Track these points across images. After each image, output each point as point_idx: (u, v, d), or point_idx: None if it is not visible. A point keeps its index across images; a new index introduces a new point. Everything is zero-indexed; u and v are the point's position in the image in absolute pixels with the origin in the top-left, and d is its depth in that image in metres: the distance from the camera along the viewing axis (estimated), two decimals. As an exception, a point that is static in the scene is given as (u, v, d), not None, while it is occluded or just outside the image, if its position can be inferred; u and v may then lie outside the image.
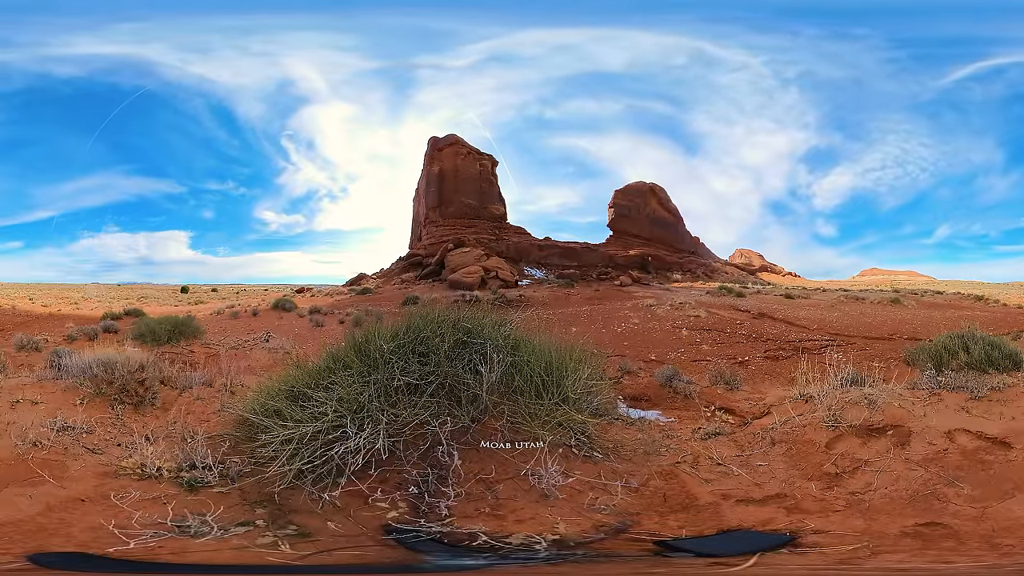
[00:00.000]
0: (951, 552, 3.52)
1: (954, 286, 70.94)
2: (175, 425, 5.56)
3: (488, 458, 4.58)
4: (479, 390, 4.89)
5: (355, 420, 4.48)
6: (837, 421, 5.03)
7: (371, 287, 65.36)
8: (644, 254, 78.89)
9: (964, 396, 5.32)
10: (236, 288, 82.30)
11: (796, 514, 4.01)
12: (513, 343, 5.27)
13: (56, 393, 5.93)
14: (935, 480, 4.24)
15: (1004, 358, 5.97)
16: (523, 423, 4.86)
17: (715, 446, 5.21)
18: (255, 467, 4.44)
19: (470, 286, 58.90)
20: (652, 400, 10.39)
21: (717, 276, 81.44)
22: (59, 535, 3.60)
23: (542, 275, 71.52)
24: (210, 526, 3.72)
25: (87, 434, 5.08)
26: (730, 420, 7.46)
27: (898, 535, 3.71)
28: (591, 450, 4.83)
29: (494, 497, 4.20)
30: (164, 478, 4.39)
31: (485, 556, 3.49)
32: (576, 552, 3.57)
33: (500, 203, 79.47)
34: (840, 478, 4.43)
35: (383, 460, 4.38)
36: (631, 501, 4.25)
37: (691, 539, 3.77)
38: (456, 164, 77.71)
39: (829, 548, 3.57)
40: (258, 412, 4.81)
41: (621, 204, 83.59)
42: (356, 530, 3.81)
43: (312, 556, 3.48)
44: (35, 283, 74.82)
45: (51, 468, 4.39)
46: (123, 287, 77.52)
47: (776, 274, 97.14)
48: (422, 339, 5.07)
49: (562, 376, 5.22)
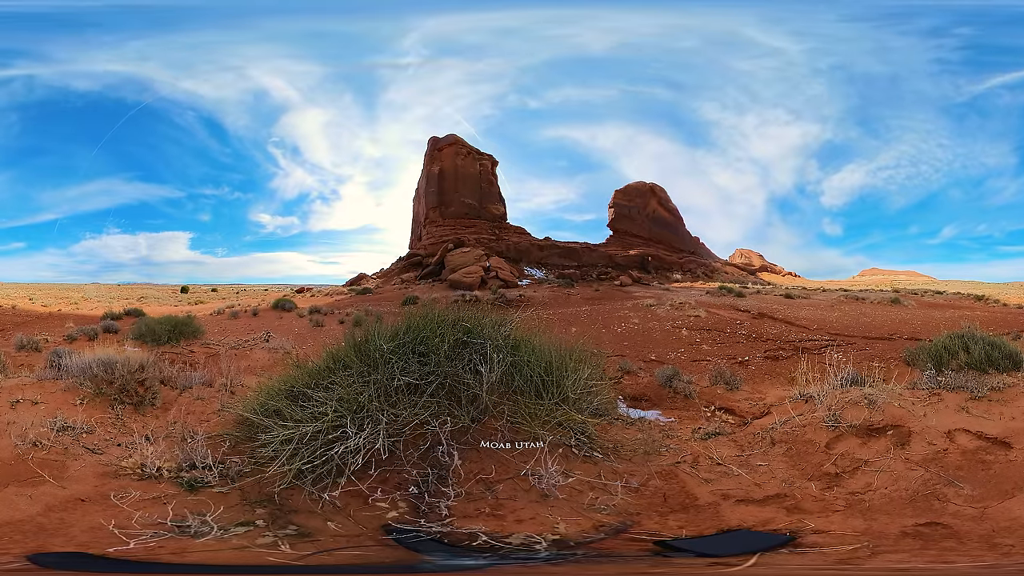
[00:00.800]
0: (951, 552, 3.52)
1: (954, 286, 70.93)
2: (175, 425, 5.56)
3: (488, 458, 4.57)
4: (479, 390, 4.89)
5: (355, 420, 4.48)
6: (837, 421, 5.03)
7: (371, 287, 65.36)
8: (644, 254, 78.89)
9: (964, 396, 5.32)
10: (236, 288, 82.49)
11: (796, 514, 4.01)
12: (513, 343, 5.27)
13: (56, 393, 5.92)
14: (935, 480, 4.24)
15: (1004, 358, 5.97)
16: (523, 423, 4.86)
17: (715, 446, 5.21)
18: (255, 467, 4.44)
19: (470, 286, 58.90)
20: (652, 400, 10.39)
21: (717, 276, 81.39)
22: (59, 535, 3.60)
23: (542, 275, 71.48)
24: (210, 526, 3.72)
25: (87, 434, 5.08)
26: (730, 420, 7.47)
27: (898, 535, 3.71)
28: (591, 450, 4.83)
29: (494, 497, 4.20)
30: (164, 478, 4.38)
31: (485, 556, 3.48)
32: (576, 552, 3.57)
33: (500, 203, 79.45)
34: (840, 478, 4.43)
35: (383, 460, 4.38)
36: (631, 501, 4.25)
37: (691, 539, 3.76)
38: (456, 164, 77.68)
39: (829, 548, 3.57)
40: (258, 412, 4.82)
41: (621, 204, 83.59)
42: (356, 530, 3.81)
43: (312, 556, 3.48)
44: (35, 283, 75.90)
45: (51, 468, 4.39)
46: (123, 287, 77.54)
47: (776, 274, 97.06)
48: (422, 339, 5.07)
49: (562, 376, 5.22)
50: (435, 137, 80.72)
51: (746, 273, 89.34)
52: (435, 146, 79.75)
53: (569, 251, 77.16)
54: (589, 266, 75.27)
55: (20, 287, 69.27)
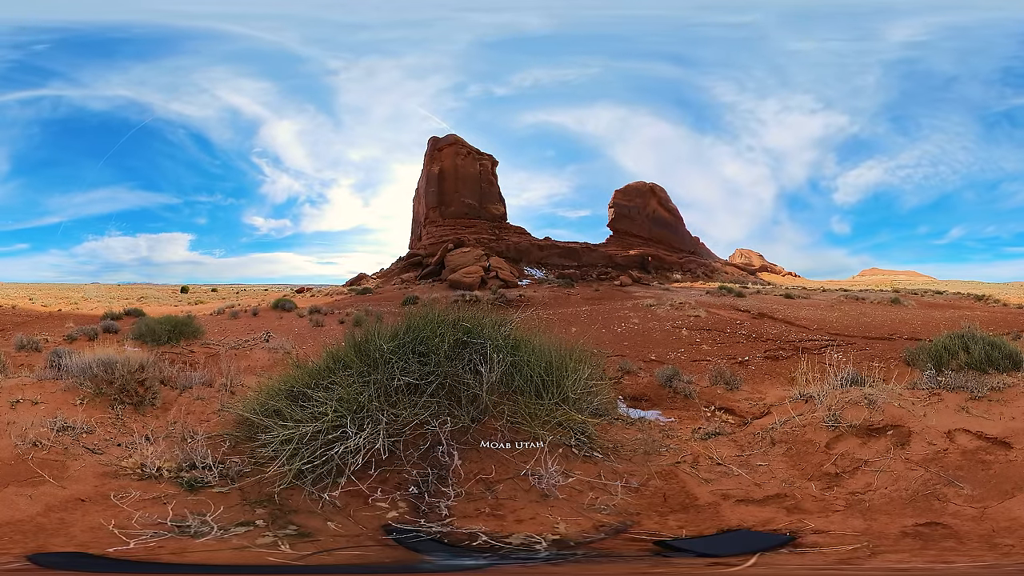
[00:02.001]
0: (951, 552, 3.52)
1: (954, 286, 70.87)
2: (175, 425, 5.56)
3: (488, 458, 4.57)
4: (479, 390, 4.89)
5: (355, 420, 4.48)
6: (837, 421, 5.03)
7: (371, 287, 65.37)
8: (644, 254, 78.87)
9: (964, 396, 5.32)
10: (236, 288, 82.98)
11: (796, 514, 4.01)
12: (513, 343, 5.27)
13: (56, 393, 5.92)
14: (935, 480, 4.24)
15: (1004, 358, 5.97)
16: (523, 423, 4.86)
17: (715, 446, 5.21)
18: (255, 467, 4.44)
19: (470, 286, 58.90)
20: (652, 400, 10.40)
21: (717, 276, 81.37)
22: (59, 535, 3.60)
23: (542, 275, 71.46)
24: (210, 526, 3.72)
25: (87, 434, 5.08)
26: (730, 420, 7.47)
27: (898, 535, 3.71)
28: (591, 450, 4.83)
29: (494, 497, 4.20)
30: (164, 478, 4.38)
31: (485, 556, 3.48)
32: (576, 552, 3.57)
33: (500, 203, 79.43)
34: (840, 478, 4.43)
35: (383, 460, 4.38)
36: (631, 501, 4.25)
37: (691, 539, 3.76)
38: (456, 164, 77.67)
39: (829, 548, 3.57)
40: (258, 412, 4.82)
41: (621, 204, 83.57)
42: (356, 530, 3.81)
43: (312, 556, 3.48)
44: (36, 283, 77.70)
45: (51, 468, 4.39)
46: (123, 287, 77.84)
47: (776, 274, 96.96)
48: (422, 339, 5.07)
49: (562, 376, 5.22)
50: (435, 137, 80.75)
51: (746, 273, 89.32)
52: (435, 146, 79.73)
53: (569, 251, 77.15)
54: (589, 266, 75.27)
55: (21, 287, 69.41)
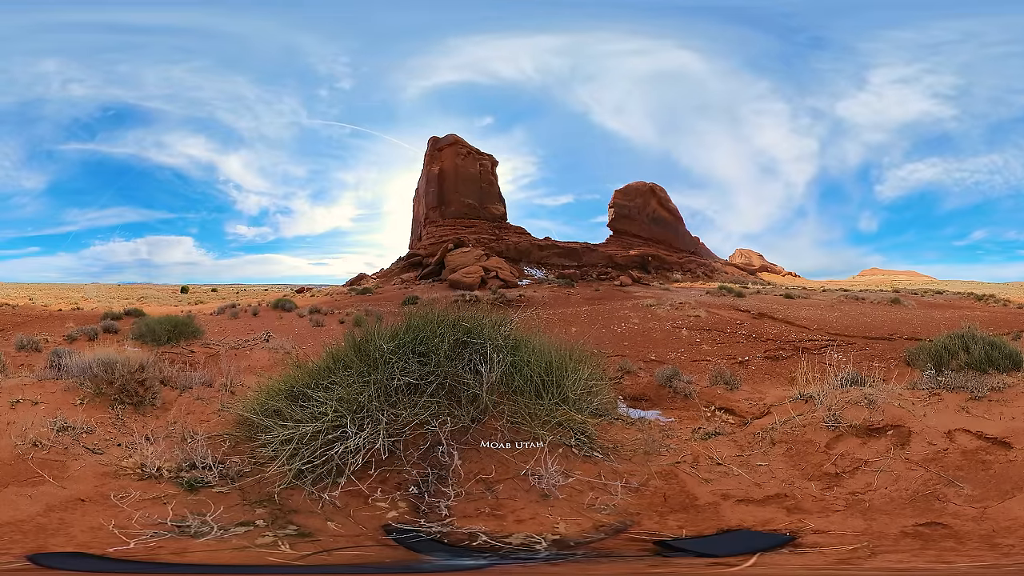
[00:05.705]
0: (951, 552, 3.52)
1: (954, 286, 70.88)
2: (175, 425, 5.56)
3: (488, 458, 4.57)
4: (479, 390, 4.89)
5: (355, 420, 4.48)
6: (837, 421, 5.03)
7: (371, 287, 65.37)
8: (644, 254, 78.87)
9: (964, 396, 5.32)
10: (236, 288, 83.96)
11: (796, 514, 4.01)
12: (513, 343, 5.27)
13: (56, 393, 5.92)
14: (935, 480, 4.24)
15: (1004, 358, 5.97)
16: (523, 423, 4.86)
17: (715, 446, 5.21)
18: (255, 467, 4.44)
19: (470, 286, 58.89)
20: (652, 400, 10.40)
21: (717, 276, 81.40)
22: (59, 535, 3.60)
23: (542, 275, 71.47)
24: (210, 526, 3.72)
25: (87, 434, 5.08)
26: (730, 420, 7.46)
27: (898, 535, 3.71)
28: (591, 450, 4.83)
29: (494, 497, 4.20)
30: (164, 478, 4.38)
31: (485, 556, 3.48)
32: (576, 552, 3.57)
33: (500, 203, 79.46)
34: (840, 478, 4.42)
35: (383, 460, 4.38)
36: (631, 501, 4.25)
37: (691, 539, 3.76)
38: (456, 164, 77.68)
39: (829, 548, 3.57)
40: (258, 412, 4.82)
41: (621, 204, 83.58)
42: (356, 530, 3.81)
43: (312, 556, 3.48)
44: (36, 283, 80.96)
45: (51, 468, 4.39)
46: (123, 287, 78.43)
47: (776, 274, 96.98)
48: (422, 339, 5.07)
49: (562, 376, 5.22)
50: (435, 137, 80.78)
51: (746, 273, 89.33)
52: (435, 146, 79.75)
53: (569, 251, 77.16)
54: (589, 266, 75.28)
55: (21, 287, 69.54)
